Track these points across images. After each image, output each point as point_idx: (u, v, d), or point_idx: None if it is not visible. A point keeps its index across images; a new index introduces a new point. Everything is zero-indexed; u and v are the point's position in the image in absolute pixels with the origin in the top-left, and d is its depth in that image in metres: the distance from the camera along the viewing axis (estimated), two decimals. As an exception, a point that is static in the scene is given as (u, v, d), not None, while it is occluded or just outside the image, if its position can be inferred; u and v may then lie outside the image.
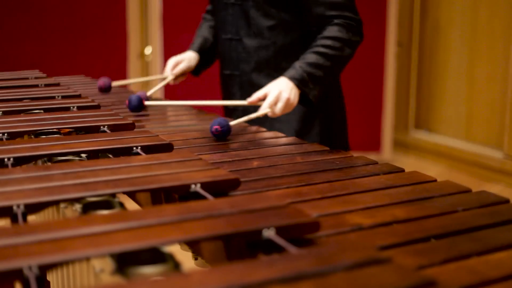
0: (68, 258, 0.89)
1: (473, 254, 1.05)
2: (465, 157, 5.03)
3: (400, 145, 5.58)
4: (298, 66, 2.17)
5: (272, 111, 2.09)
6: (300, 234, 1.06)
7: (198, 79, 2.87)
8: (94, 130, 1.76)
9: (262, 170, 1.56)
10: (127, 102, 2.17)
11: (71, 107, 2.02)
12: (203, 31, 2.70)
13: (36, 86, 2.49)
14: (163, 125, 2.19)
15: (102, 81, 2.64)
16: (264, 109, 2.09)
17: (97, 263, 1.08)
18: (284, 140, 1.91)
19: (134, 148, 1.54)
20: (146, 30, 4.73)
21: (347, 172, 1.56)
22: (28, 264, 0.85)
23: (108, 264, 0.95)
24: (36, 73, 2.90)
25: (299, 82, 2.15)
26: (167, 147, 1.59)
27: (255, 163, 1.63)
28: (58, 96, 2.23)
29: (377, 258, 0.89)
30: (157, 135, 1.65)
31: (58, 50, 4.51)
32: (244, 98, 2.36)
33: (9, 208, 1.10)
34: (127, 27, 4.67)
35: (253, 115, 2.06)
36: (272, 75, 2.35)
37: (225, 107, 2.62)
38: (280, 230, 1.01)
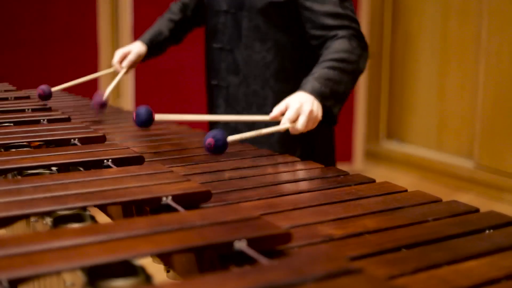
0: (39, 272, 0.89)
1: (443, 264, 1.05)
2: (436, 167, 5.06)
3: (372, 156, 5.60)
4: (316, 82, 1.94)
5: (293, 127, 1.85)
6: (272, 245, 1.06)
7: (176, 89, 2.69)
8: (64, 143, 1.75)
9: (233, 182, 1.56)
10: (133, 115, 1.84)
11: (41, 120, 2.00)
12: (160, 24, 2.56)
13: (6, 99, 2.47)
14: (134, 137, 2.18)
15: (41, 89, 2.39)
16: (284, 124, 1.83)
17: (68, 277, 1.07)
18: (256, 152, 1.90)
19: (105, 161, 1.54)
20: (117, 41, 4.72)
21: (318, 183, 1.57)
22: (-2, 278, 0.84)
23: (79, 278, 0.94)
24: (6, 86, 2.88)
25: (321, 96, 1.92)
26: (138, 160, 1.59)
27: (226, 175, 1.63)
28: (28, 109, 2.21)
29: (348, 268, 0.89)
30: (128, 148, 1.64)
31: (28, 63, 4.48)
32: (229, 112, 2.28)
33: (-21, 223, 1.10)
34: (98, 38, 4.65)
35: (268, 130, 1.82)
36: (259, 93, 2.25)
37: (210, 123, 2.45)
38: (251, 242, 1.01)
